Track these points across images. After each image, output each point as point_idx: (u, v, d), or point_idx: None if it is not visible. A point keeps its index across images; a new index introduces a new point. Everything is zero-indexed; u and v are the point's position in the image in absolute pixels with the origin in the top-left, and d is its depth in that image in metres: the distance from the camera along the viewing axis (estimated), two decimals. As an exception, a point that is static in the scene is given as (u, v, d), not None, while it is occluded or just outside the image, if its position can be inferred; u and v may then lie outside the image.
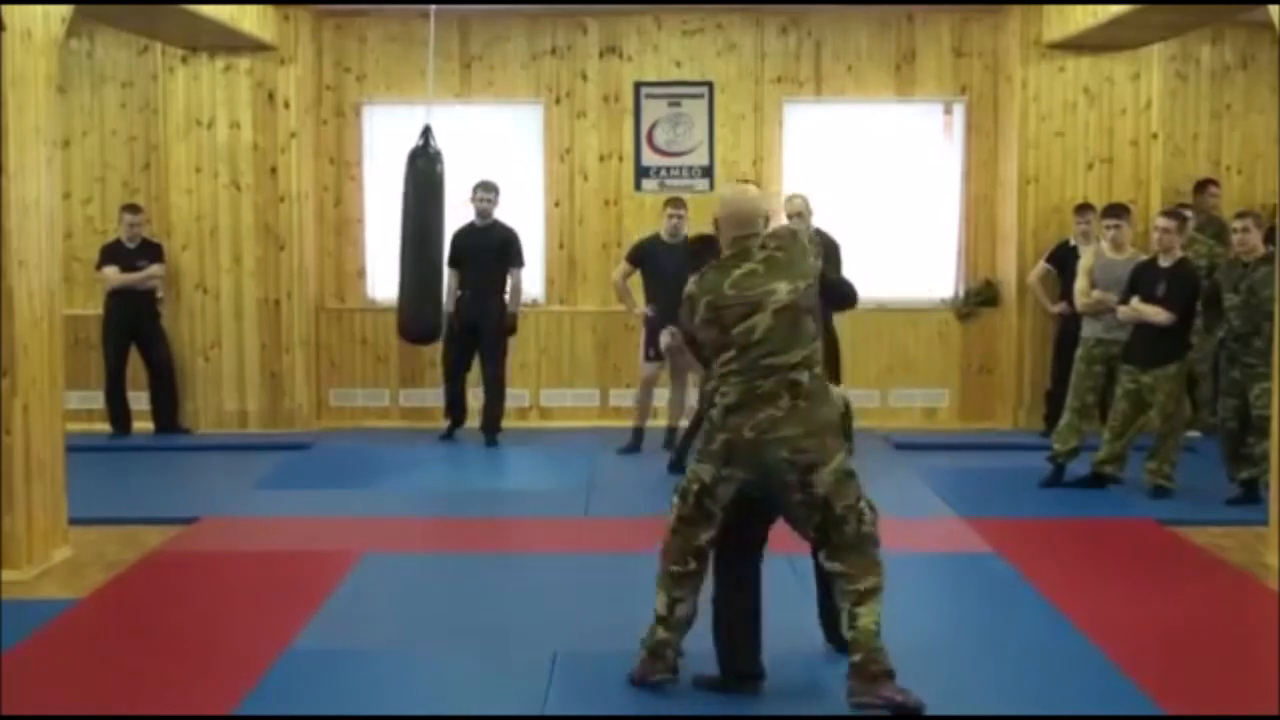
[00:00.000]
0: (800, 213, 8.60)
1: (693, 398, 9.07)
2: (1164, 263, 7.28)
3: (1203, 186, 9.53)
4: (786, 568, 4.99)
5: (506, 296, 8.97)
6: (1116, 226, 7.81)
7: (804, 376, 4.13)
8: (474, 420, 9.12)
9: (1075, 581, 5.68)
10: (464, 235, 8.75)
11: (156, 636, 5.02)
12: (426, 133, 7.89)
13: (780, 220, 9.19)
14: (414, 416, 9.37)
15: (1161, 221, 7.39)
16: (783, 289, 4.15)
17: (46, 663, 4.74)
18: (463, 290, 8.82)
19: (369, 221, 9.91)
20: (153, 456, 8.82)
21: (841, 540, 4.09)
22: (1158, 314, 7.16)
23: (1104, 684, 4.43)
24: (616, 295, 8.98)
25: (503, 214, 9.04)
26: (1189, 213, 8.31)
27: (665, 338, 7.78)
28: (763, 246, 4.23)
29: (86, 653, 4.85)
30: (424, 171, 7.95)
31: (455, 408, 9.10)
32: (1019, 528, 6.70)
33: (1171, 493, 7.27)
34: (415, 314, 8.35)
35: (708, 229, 9.14)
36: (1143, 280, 7.30)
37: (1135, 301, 7.27)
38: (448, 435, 9.07)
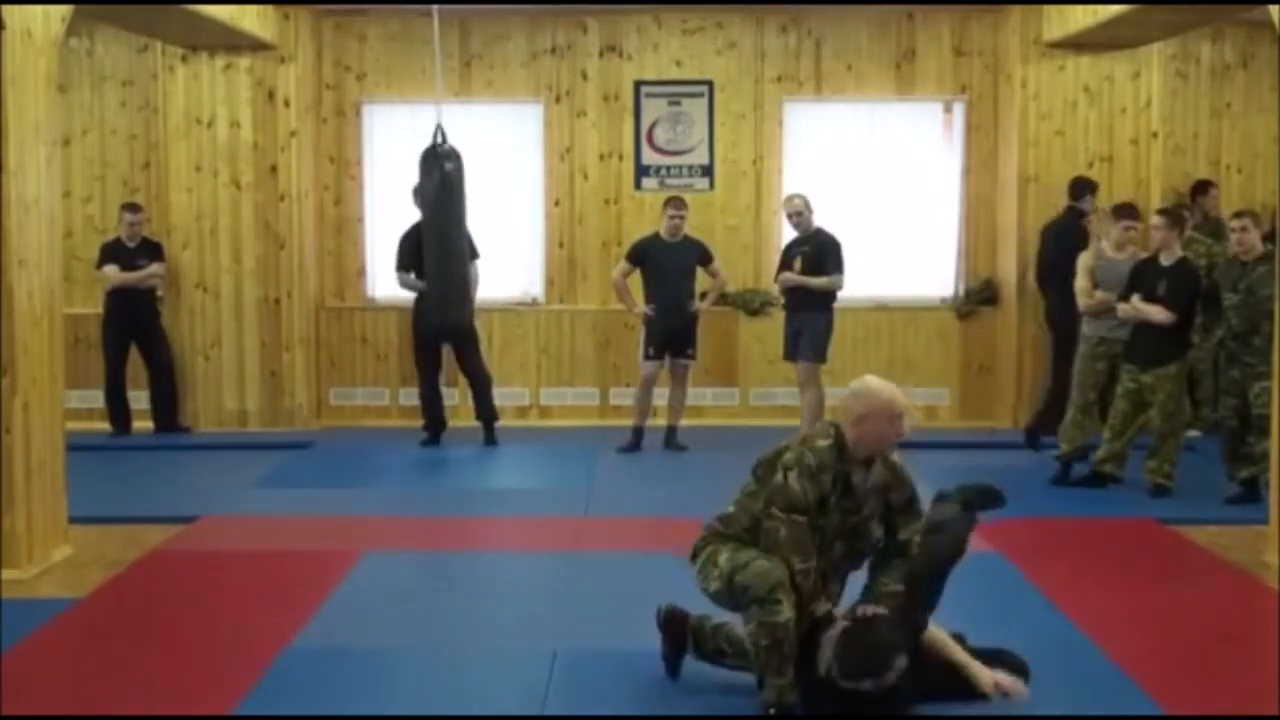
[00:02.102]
0: (800, 212, 8.61)
1: (692, 397, 9.11)
2: (1164, 261, 7.28)
3: (1203, 188, 9.51)
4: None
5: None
6: (1133, 228, 7.77)
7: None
8: (471, 419, 9.11)
9: (1076, 581, 5.68)
10: (416, 234, 8.50)
11: (156, 636, 5.02)
12: (439, 131, 7.82)
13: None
14: (414, 415, 9.32)
15: (1154, 220, 7.43)
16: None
17: (46, 662, 4.73)
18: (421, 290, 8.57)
19: (369, 220, 9.90)
20: (153, 455, 8.81)
21: None
22: (1159, 313, 7.16)
23: (1104, 684, 4.43)
24: (616, 294, 8.98)
25: (500, 214, 9.00)
26: (1186, 214, 8.31)
27: None
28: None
29: (86, 652, 4.85)
30: (443, 170, 7.89)
31: (432, 415, 8.96)
32: (1019, 527, 6.67)
33: (1172, 492, 7.27)
34: (444, 307, 8.25)
35: (707, 227, 9.31)
36: (1143, 279, 7.30)
37: (1136, 300, 7.27)
38: (429, 443, 8.94)
